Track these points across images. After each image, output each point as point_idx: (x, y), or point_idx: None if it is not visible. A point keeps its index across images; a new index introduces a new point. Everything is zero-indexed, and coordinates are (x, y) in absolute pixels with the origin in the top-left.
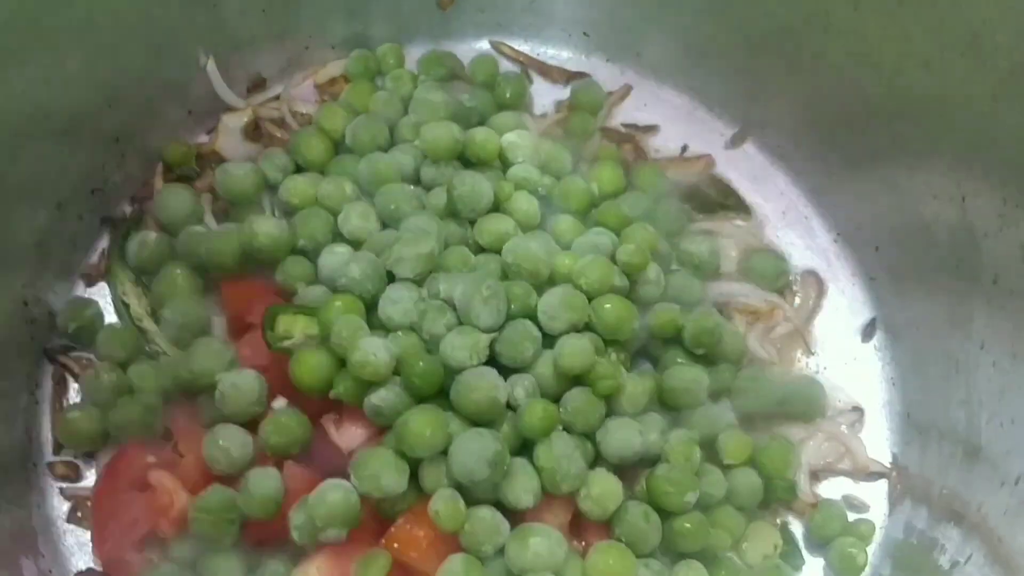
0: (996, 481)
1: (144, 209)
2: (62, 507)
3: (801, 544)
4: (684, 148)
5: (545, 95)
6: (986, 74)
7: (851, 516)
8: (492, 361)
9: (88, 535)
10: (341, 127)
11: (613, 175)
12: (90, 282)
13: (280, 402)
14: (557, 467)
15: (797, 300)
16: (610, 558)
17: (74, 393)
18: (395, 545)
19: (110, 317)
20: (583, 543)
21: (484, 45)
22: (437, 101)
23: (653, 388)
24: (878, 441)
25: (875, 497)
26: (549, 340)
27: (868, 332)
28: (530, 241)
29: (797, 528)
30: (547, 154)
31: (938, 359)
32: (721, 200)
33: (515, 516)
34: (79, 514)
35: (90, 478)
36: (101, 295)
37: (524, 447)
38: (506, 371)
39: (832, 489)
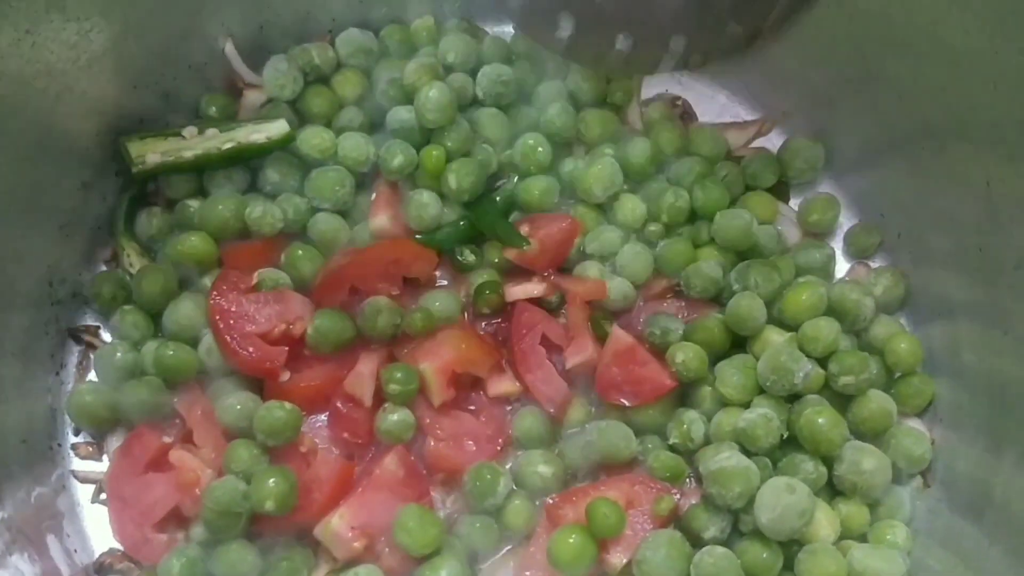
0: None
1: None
2: (87, 488)
3: None
4: None
5: None
6: (1012, 56)
7: None
8: None
9: None
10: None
11: (672, 135)
12: (111, 265)
13: None
14: None
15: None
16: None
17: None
18: None
19: None
20: None
21: (508, 30)
22: None
23: None
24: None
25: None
26: None
27: None
28: None
29: None
30: (591, 121)
31: (964, 344)
32: (773, 180)
33: None
34: (103, 496)
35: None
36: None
37: None
38: None
39: None
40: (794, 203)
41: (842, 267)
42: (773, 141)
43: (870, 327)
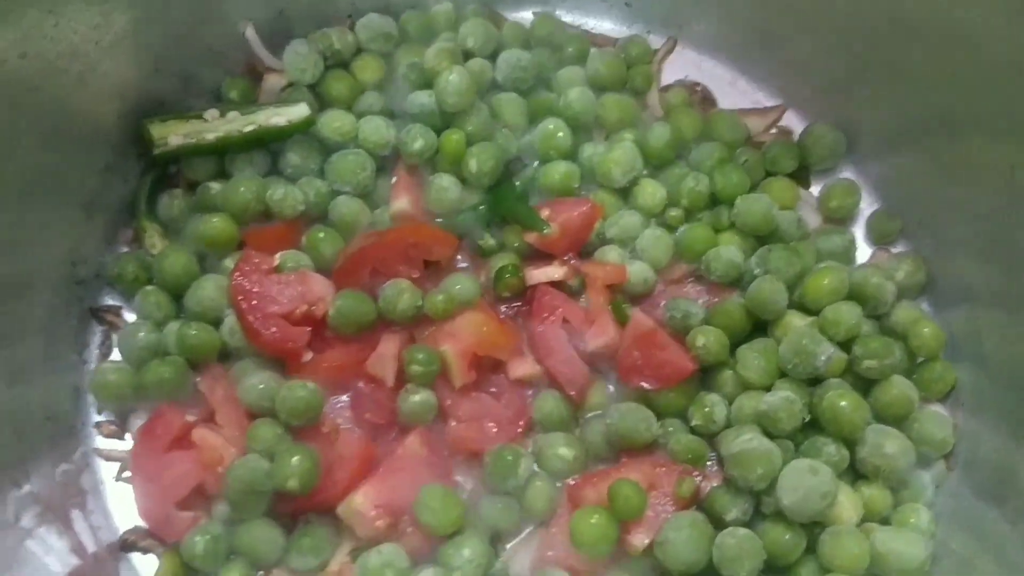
0: None
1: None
2: (110, 467)
3: None
4: None
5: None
6: None
7: None
8: None
9: None
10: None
11: (691, 120)
12: (132, 246)
13: None
14: None
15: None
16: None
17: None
18: None
19: None
20: None
21: (527, 15)
22: None
23: None
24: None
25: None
26: None
27: None
28: None
29: None
30: (611, 106)
31: (986, 330)
32: (792, 166)
33: None
34: (126, 474)
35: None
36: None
37: None
38: None
39: None
40: (814, 189)
41: (863, 254)
42: (795, 127)
43: (891, 312)
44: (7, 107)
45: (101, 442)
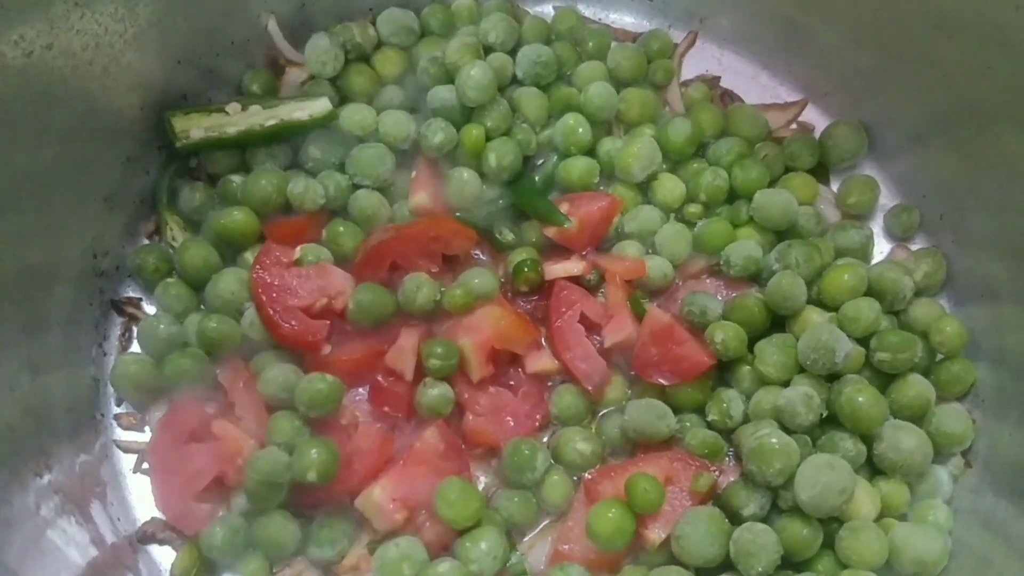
0: None
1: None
2: (129, 458)
3: None
4: None
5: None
6: None
7: None
8: None
9: None
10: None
11: (712, 115)
12: (154, 238)
13: None
14: None
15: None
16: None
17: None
18: None
19: None
20: None
21: (548, 9)
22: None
23: None
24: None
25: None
26: None
27: None
28: None
29: None
30: (631, 101)
31: (1007, 327)
32: (812, 162)
33: None
34: (145, 466)
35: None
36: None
37: None
38: None
39: None
40: (833, 184)
41: (882, 250)
42: (816, 121)
43: (909, 308)
44: (34, 99)
45: (120, 434)
